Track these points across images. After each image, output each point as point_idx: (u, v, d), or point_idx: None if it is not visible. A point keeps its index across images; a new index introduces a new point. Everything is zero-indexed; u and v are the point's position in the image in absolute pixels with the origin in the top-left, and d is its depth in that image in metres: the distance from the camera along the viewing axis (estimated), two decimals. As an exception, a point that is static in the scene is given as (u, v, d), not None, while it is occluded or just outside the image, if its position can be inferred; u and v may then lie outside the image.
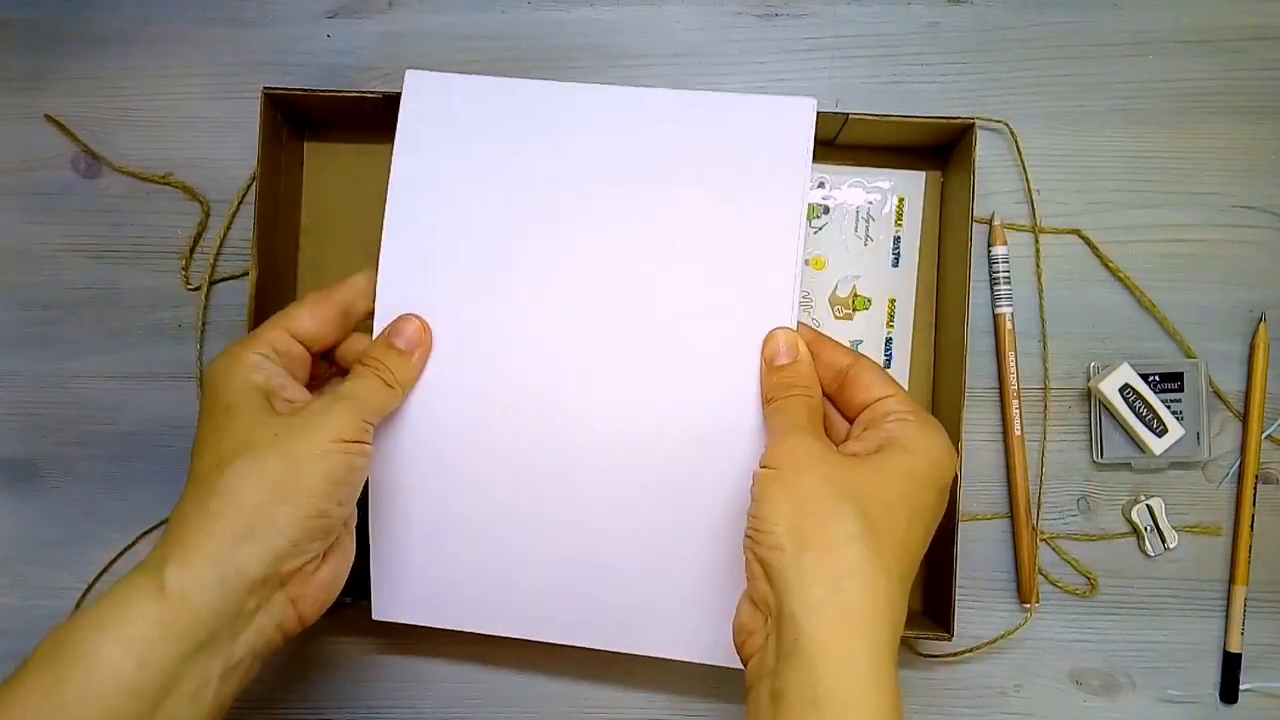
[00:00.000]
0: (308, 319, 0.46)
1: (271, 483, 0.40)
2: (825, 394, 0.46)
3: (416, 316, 0.47)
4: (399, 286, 0.47)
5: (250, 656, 0.41)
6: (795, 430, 0.42)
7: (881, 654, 0.37)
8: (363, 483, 0.44)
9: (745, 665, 0.41)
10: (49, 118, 0.57)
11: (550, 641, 0.49)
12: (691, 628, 0.48)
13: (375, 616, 0.49)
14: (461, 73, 0.49)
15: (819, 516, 0.39)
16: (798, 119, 0.46)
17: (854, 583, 0.37)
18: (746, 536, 0.41)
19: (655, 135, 0.47)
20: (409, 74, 0.48)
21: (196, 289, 0.56)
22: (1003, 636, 0.54)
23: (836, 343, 0.47)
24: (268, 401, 0.43)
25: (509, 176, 0.47)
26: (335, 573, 0.44)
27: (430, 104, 0.48)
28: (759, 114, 0.46)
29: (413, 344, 0.46)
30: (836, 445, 0.44)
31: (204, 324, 0.56)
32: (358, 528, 0.46)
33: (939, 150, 0.55)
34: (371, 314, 0.48)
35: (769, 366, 0.45)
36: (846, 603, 0.37)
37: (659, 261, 0.47)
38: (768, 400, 0.45)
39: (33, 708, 0.36)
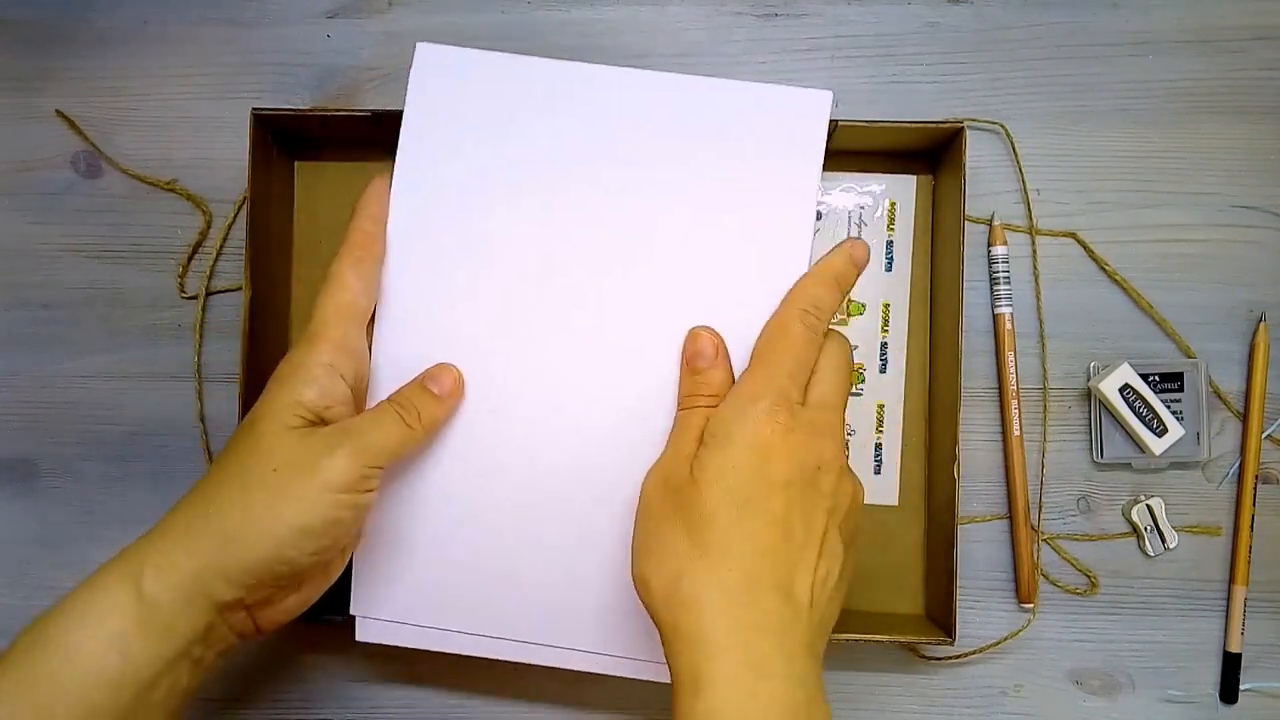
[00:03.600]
0: (364, 298, 0.44)
1: (252, 520, 0.39)
2: None
3: (455, 367, 0.45)
4: (401, 274, 0.47)
5: (213, 655, 0.41)
6: (666, 456, 0.42)
7: (730, 672, 0.36)
8: (352, 531, 0.42)
9: None
10: (59, 113, 0.57)
11: (525, 641, 0.48)
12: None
13: (352, 610, 0.48)
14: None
15: (655, 559, 0.39)
16: (813, 112, 0.46)
17: (687, 615, 0.37)
18: None
19: (669, 124, 0.46)
20: (420, 46, 0.47)
21: (193, 298, 0.56)
22: (1007, 639, 0.54)
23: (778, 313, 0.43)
24: (300, 418, 0.41)
25: (515, 164, 0.47)
26: (302, 600, 0.43)
27: (440, 83, 0.47)
28: (775, 105, 0.46)
29: (446, 390, 0.44)
30: None
31: (201, 331, 0.56)
32: None
33: (931, 153, 0.55)
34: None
35: (688, 367, 0.44)
36: (686, 635, 0.37)
37: (665, 261, 0.46)
38: (679, 406, 0.44)
39: (16, 700, 0.36)
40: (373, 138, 0.54)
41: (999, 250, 0.55)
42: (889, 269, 0.55)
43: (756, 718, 0.35)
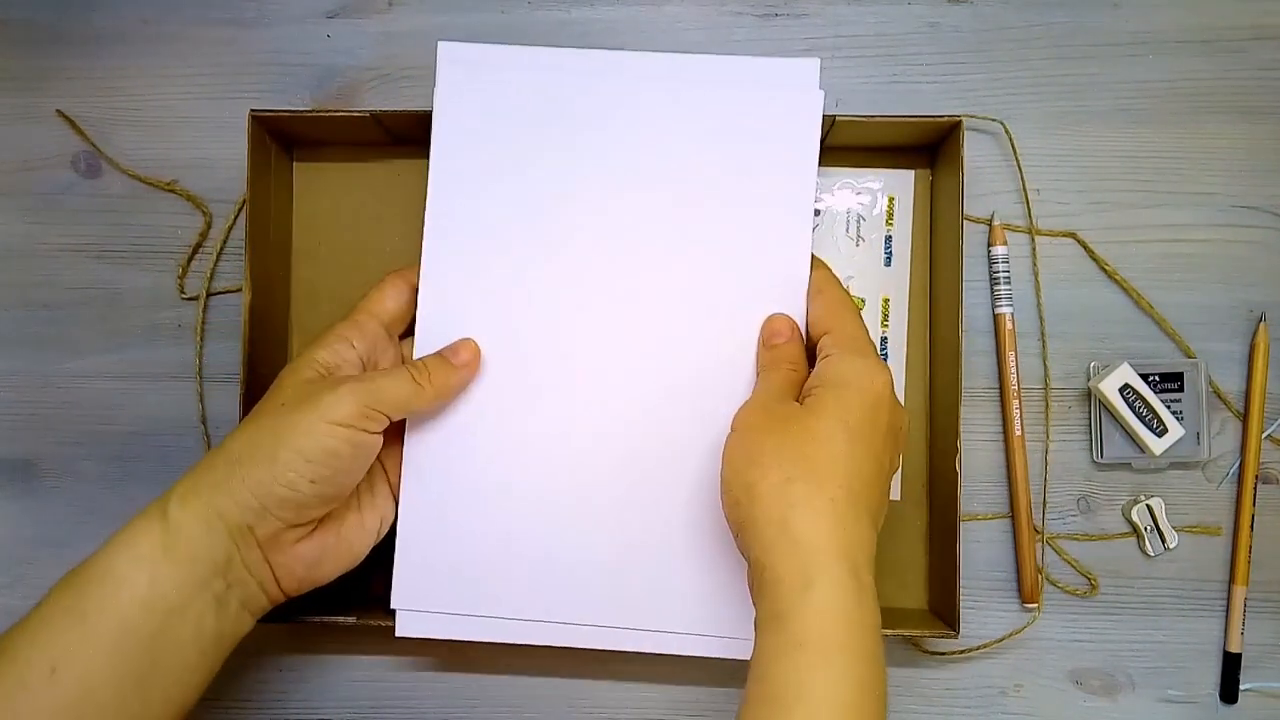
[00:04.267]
0: (391, 303, 0.49)
1: (255, 444, 0.43)
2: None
3: (473, 341, 0.49)
4: (440, 272, 0.49)
5: (238, 605, 0.44)
6: (759, 396, 0.46)
7: (838, 575, 0.39)
8: (351, 469, 0.44)
9: None
10: (59, 113, 0.57)
11: (562, 621, 0.49)
12: (703, 605, 0.49)
13: (394, 604, 0.49)
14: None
15: (763, 467, 0.42)
16: (805, 82, 0.49)
17: (799, 516, 0.40)
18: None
19: (677, 107, 0.49)
20: (442, 46, 0.49)
21: (193, 299, 0.56)
22: (1009, 636, 0.54)
23: (829, 279, 0.49)
24: (315, 372, 0.45)
25: (540, 162, 0.49)
26: (319, 552, 0.45)
27: (464, 80, 0.49)
28: (771, 78, 0.49)
29: (462, 361, 0.48)
30: None
31: (202, 331, 0.56)
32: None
33: (929, 149, 0.55)
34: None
35: (766, 344, 0.49)
36: (796, 536, 0.40)
37: (682, 245, 0.49)
38: (758, 371, 0.49)
39: (59, 619, 0.40)
40: (373, 138, 0.54)
41: (999, 250, 0.55)
42: (888, 264, 0.55)
43: (860, 619, 0.39)
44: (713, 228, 0.49)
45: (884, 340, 0.55)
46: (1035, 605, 0.54)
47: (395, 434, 0.48)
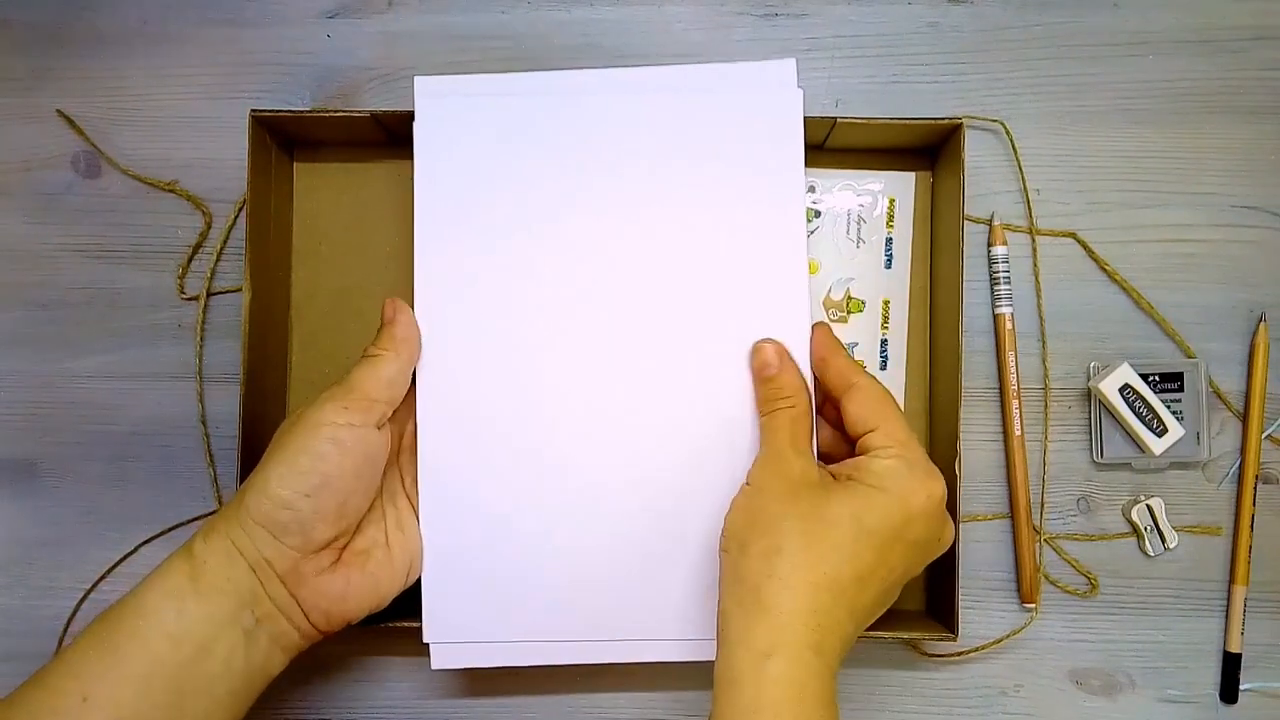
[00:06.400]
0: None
1: (255, 473, 0.44)
2: (833, 399, 0.47)
3: (390, 299, 0.48)
4: (435, 304, 0.49)
5: (269, 641, 0.44)
6: (775, 451, 0.45)
7: (799, 650, 0.40)
8: (341, 475, 0.44)
9: None
10: (60, 113, 0.57)
11: (589, 640, 0.49)
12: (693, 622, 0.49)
13: (426, 638, 0.49)
14: (462, 73, 0.49)
15: (761, 528, 0.42)
16: (784, 83, 0.49)
17: (774, 587, 0.40)
18: None
19: (656, 122, 0.49)
20: (418, 80, 0.49)
21: (193, 299, 0.56)
22: (1008, 636, 0.54)
23: (846, 357, 0.47)
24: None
25: (527, 187, 0.49)
26: (344, 586, 0.45)
27: (443, 112, 0.49)
28: (747, 83, 0.49)
29: (388, 315, 0.47)
30: (835, 454, 0.47)
31: (202, 331, 0.56)
32: None
33: (930, 151, 0.55)
34: None
35: (758, 378, 0.47)
36: (766, 604, 0.40)
37: (675, 257, 0.49)
38: (760, 413, 0.47)
39: (91, 650, 0.41)
40: (373, 138, 0.54)
41: (999, 250, 0.55)
42: (888, 266, 0.55)
43: (818, 694, 0.39)
44: (704, 238, 0.48)
45: (884, 342, 0.55)
46: (1035, 605, 0.54)
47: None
